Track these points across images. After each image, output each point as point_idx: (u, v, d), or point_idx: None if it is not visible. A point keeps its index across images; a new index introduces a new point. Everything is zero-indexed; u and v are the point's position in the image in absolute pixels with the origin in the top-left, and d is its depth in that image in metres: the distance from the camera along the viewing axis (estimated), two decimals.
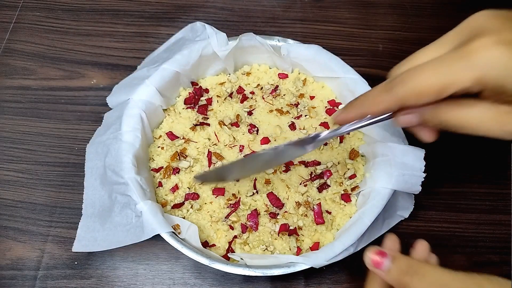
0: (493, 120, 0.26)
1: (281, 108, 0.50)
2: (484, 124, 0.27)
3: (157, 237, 0.38)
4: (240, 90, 0.52)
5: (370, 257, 0.31)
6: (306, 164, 0.46)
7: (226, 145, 0.47)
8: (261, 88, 0.52)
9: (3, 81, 0.56)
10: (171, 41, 0.53)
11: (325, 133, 0.35)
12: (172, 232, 0.38)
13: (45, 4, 0.63)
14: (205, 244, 0.42)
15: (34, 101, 0.54)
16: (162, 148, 0.47)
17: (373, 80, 0.48)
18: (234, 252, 0.41)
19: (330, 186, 0.45)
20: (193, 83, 0.52)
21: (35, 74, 0.56)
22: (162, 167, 0.45)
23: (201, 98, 0.51)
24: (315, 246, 0.42)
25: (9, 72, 0.56)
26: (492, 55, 0.24)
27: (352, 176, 0.46)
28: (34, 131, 0.52)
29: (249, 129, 0.48)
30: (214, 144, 0.48)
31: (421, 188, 0.42)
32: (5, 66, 0.57)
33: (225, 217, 0.43)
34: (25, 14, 0.62)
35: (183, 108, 0.50)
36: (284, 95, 0.52)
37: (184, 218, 0.42)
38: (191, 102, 0.50)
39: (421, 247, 0.35)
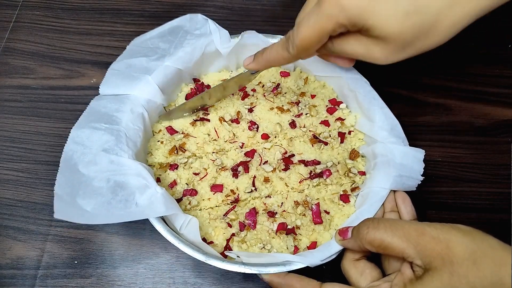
0: (363, 50, 0.37)
1: (282, 106, 0.50)
2: (358, 53, 0.37)
3: (157, 236, 0.38)
4: (242, 87, 0.52)
5: (337, 235, 0.37)
6: (305, 163, 0.46)
7: (226, 141, 0.47)
8: (263, 85, 0.52)
9: (3, 80, 0.56)
10: (165, 27, 0.51)
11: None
12: (170, 228, 0.38)
13: (44, 3, 0.63)
14: (203, 241, 0.42)
15: (34, 100, 0.54)
16: (162, 142, 0.47)
17: (374, 79, 0.48)
18: (232, 250, 0.41)
19: (329, 186, 0.45)
20: (195, 80, 0.52)
21: (35, 73, 0.56)
22: (160, 162, 0.46)
23: None
24: (313, 246, 0.41)
25: (9, 71, 0.56)
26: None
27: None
28: (33, 130, 0.52)
29: (249, 126, 0.48)
30: (214, 140, 0.47)
31: (415, 188, 0.42)
32: (4, 65, 0.57)
33: (224, 215, 0.43)
34: (24, 13, 0.61)
35: None
36: (285, 93, 0.51)
37: None
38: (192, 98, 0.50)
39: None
